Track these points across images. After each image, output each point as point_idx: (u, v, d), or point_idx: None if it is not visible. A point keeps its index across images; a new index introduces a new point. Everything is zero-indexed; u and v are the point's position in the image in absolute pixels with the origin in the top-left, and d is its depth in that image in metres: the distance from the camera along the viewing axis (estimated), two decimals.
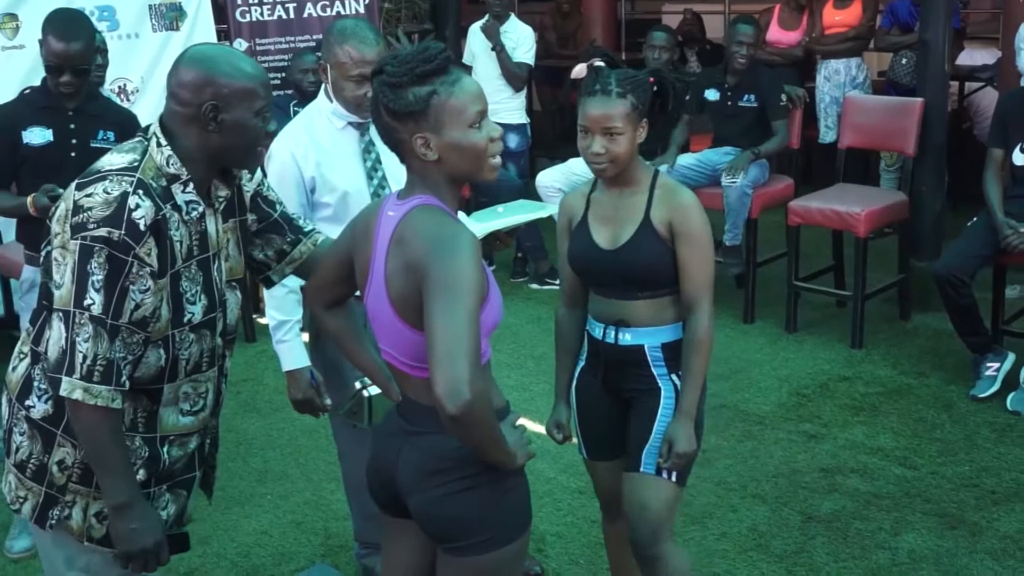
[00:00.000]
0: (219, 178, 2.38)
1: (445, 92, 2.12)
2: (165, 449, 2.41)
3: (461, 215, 2.82)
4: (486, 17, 6.84)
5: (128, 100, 5.93)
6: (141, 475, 2.36)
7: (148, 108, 6.07)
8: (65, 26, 3.75)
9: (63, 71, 3.74)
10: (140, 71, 6.04)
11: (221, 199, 2.41)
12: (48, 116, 3.85)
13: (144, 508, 2.32)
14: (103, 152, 2.38)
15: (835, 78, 7.19)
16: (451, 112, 2.13)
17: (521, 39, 6.81)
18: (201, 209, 2.34)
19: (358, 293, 2.36)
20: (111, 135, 3.82)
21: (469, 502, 2.21)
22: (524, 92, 7.01)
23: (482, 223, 2.72)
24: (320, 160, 3.19)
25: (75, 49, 3.73)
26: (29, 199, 3.67)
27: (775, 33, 7.41)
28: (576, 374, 3.00)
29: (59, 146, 3.79)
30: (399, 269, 2.13)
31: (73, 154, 3.75)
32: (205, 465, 2.58)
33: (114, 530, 2.31)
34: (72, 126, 3.83)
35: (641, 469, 2.84)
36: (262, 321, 5.38)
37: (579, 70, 6.09)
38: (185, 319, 2.33)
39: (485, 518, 2.22)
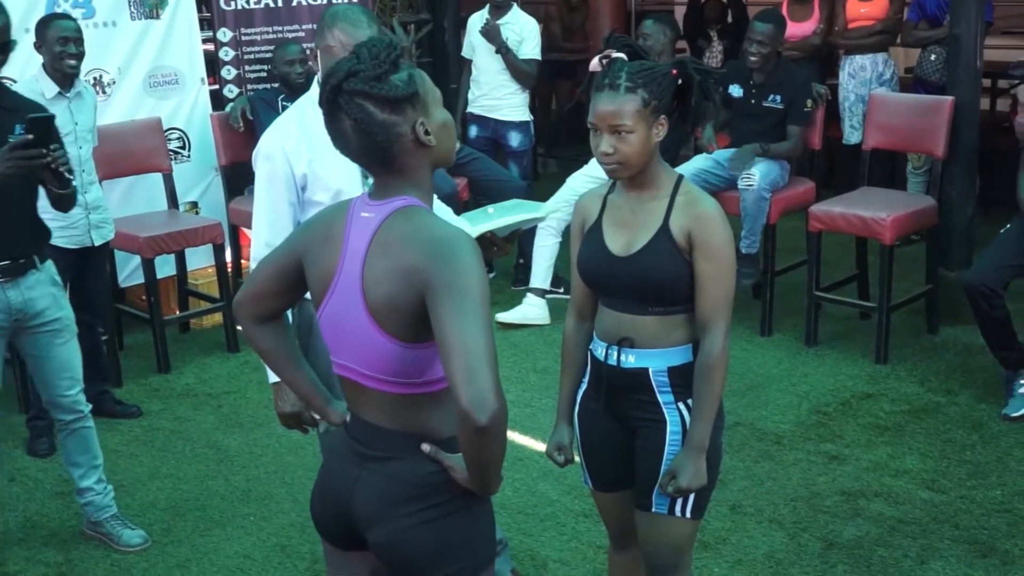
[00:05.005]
0: None
1: (416, 73, 2.15)
2: None
3: (450, 214, 2.79)
4: (485, 11, 6.78)
5: (104, 92, 5.94)
6: None
7: (125, 101, 6.09)
8: None
9: None
10: (117, 62, 6.05)
11: None
12: None
13: None
14: None
15: (860, 75, 7.18)
16: (430, 90, 2.17)
17: (525, 32, 6.73)
18: None
19: (308, 297, 2.33)
20: None
21: (443, 531, 2.19)
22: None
23: (472, 225, 2.69)
24: (312, 157, 3.18)
25: None
26: None
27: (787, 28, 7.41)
28: (579, 398, 2.95)
29: None
30: (385, 275, 2.10)
31: None
32: None
33: None
34: None
35: (653, 509, 2.82)
36: None
37: (596, 64, 6.04)
38: None
39: (458, 548, 2.20)
